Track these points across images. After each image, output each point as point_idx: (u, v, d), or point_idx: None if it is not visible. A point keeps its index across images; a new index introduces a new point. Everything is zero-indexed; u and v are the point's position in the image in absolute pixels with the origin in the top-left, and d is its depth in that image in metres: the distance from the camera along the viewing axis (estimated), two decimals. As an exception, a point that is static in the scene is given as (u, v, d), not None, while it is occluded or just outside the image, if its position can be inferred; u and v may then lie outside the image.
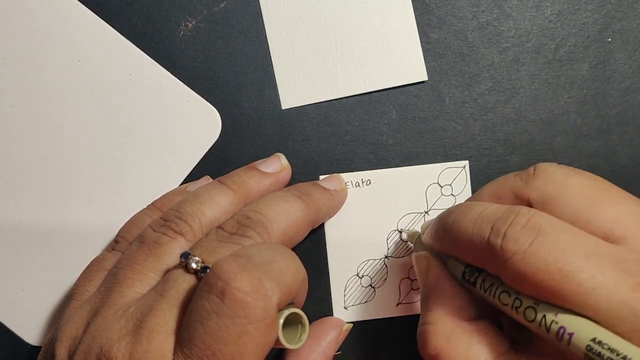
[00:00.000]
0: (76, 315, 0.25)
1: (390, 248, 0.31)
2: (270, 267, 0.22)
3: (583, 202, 0.22)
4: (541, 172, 0.24)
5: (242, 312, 0.20)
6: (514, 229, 0.21)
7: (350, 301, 0.31)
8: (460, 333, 0.23)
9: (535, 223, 0.21)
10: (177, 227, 0.26)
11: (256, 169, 0.29)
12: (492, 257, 0.21)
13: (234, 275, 0.21)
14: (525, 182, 0.24)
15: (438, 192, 0.31)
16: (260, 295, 0.21)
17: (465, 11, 0.31)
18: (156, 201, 0.30)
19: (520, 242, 0.20)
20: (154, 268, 0.25)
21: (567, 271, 0.19)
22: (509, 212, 0.21)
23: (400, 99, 0.31)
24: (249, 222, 0.25)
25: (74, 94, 0.31)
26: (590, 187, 0.23)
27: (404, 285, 0.31)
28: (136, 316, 0.23)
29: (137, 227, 0.28)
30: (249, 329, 0.21)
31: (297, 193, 0.28)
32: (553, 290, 0.20)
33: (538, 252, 0.20)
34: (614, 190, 0.23)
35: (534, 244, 0.20)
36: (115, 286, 0.25)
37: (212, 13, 0.31)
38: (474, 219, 0.22)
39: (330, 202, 0.29)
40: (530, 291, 0.21)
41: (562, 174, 0.24)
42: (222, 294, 0.21)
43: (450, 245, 0.24)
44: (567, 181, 0.23)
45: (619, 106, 0.31)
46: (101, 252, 0.29)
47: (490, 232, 0.21)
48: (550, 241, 0.20)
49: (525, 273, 0.20)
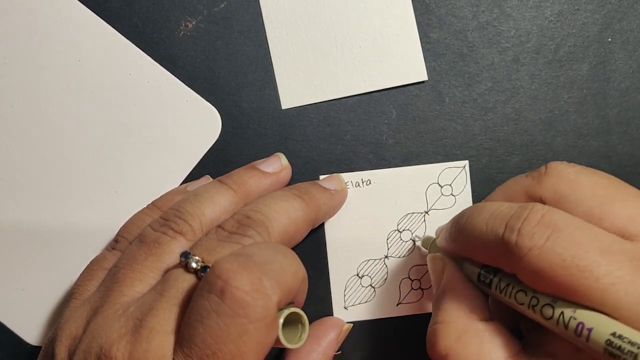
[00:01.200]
0: (76, 315, 0.25)
1: (390, 248, 0.31)
2: (270, 266, 0.22)
3: (595, 200, 0.22)
4: (553, 170, 0.24)
5: (242, 311, 0.20)
6: (529, 225, 0.21)
7: (350, 301, 0.31)
8: (473, 332, 0.23)
9: (549, 219, 0.21)
10: (177, 227, 0.26)
11: (256, 169, 0.29)
12: (508, 255, 0.21)
13: (233, 275, 0.21)
14: (537, 182, 0.24)
15: (438, 192, 0.31)
16: (260, 294, 0.21)
17: (465, 11, 0.31)
18: (156, 200, 0.30)
19: (535, 238, 0.20)
20: (154, 267, 0.25)
21: (584, 267, 0.19)
22: (523, 209, 0.21)
23: (400, 98, 0.31)
24: (249, 221, 0.25)
25: (74, 94, 0.31)
26: (602, 186, 0.23)
27: (404, 285, 0.31)
28: (136, 315, 0.23)
29: (137, 226, 0.28)
30: (249, 328, 0.20)
31: (298, 192, 0.28)
32: (570, 286, 0.20)
33: (554, 247, 0.20)
34: (626, 188, 0.23)
35: (550, 239, 0.20)
36: (115, 285, 0.25)
37: (212, 13, 0.31)
38: (487, 218, 0.22)
39: (330, 202, 0.29)
40: (547, 288, 0.20)
41: (574, 173, 0.24)
42: (222, 293, 0.20)
43: (465, 246, 0.24)
44: (579, 180, 0.23)
45: (619, 106, 0.31)
46: (101, 252, 0.29)
47: (504, 229, 0.21)
48: (565, 237, 0.20)
49: (541, 269, 0.20)
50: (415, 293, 0.31)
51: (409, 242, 0.31)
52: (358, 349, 0.31)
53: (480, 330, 0.23)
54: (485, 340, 0.22)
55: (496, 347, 0.22)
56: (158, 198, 0.30)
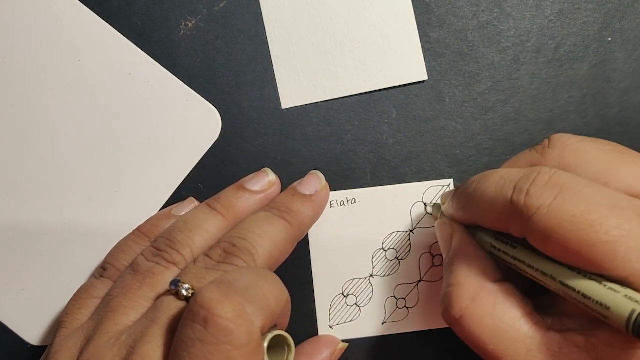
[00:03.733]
0: (69, 344, 0.25)
1: (375, 267, 0.31)
2: (252, 292, 0.22)
3: (600, 165, 0.22)
4: (556, 142, 0.24)
5: (225, 338, 0.21)
6: (537, 186, 0.21)
7: (335, 320, 0.31)
8: (486, 293, 0.23)
9: (558, 179, 0.21)
10: (170, 257, 0.26)
11: (244, 189, 0.29)
12: (517, 217, 0.21)
13: (215, 303, 0.21)
14: (542, 154, 0.24)
15: (423, 210, 0.31)
16: (243, 320, 0.21)
17: (466, 11, 0.31)
18: (141, 226, 0.30)
19: (544, 197, 0.20)
20: (148, 297, 0.25)
21: (594, 220, 0.19)
22: (531, 172, 0.21)
23: (400, 98, 0.31)
24: (234, 250, 0.26)
25: (74, 94, 0.31)
26: (606, 151, 0.23)
27: (389, 303, 0.31)
28: (129, 343, 0.23)
29: (125, 253, 0.28)
30: (234, 354, 0.21)
31: (279, 212, 0.28)
32: (580, 242, 0.19)
33: (563, 205, 0.20)
34: (630, 152, 0.23)
35: (558, 198, 0.20)
36: (109, 314, 0.25)
37: (212, 13, 0.31)
38: (496, 182, 0.22)
39: (313, 211, 0.29)
40: (557, 249, 0.20)
41: (577, 142, 0.24)
42: (205, 322, 0.21)
43: (473, 212, 0.24)
44: (583, 148, 0.23)
45: (619, 106, 0.31)
46: (88, 279, 0.29)
47: (513, 191, 0.21)
48: (574, 195, 0.20)
49: (551, 227, 0.20)
50: (401, 312, 0.31)
51: (394, 260, 0.31)
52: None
53: (493, 291, 0.23)
54: (498, 301, 0.22)
55: (510, 306, 0.22)
56: (143, 224, 0.30)
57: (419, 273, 0.31)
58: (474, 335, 0.22)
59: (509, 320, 0.22)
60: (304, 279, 0.31)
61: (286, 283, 0.24)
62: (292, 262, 0.30)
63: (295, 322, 0.30)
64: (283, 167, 0.31)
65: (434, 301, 0.31)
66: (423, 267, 0.31)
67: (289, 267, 0.30)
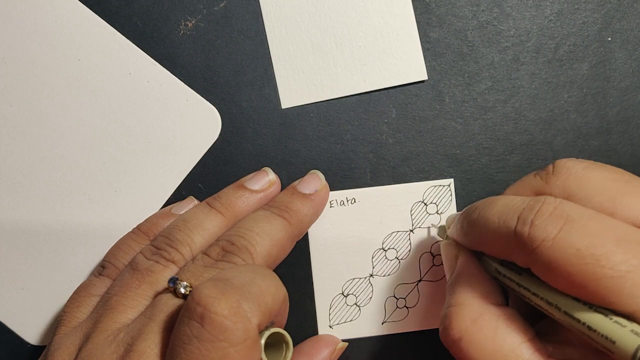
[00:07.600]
0: (68, 342, 0.25)
1: (375, 266, 0.31)
2: (249, 289, 0.22)
3: (606, 195, 0.22)
4: (561, 168, 0.24)
5: (222, 335, 0.21)
6: (541, 217, 0.20)
7: (335, 320, 0.31)
8: (488, 316, 0.22)
9: (562, 211, 0.20)
10: (169, 256, 0.26)
11: (244, 188, 0.29)
12: (521, 248, 0.21)
13: (212, 300, 0.21)
14: (546, 181, 0.24)
15: (423, 210, 0.31)
16: (240, 317, 0.21)
17: (465, 10, 0.31)
18: (141, 225, 0.30)
19: (548, 229, 0.20)
20: (147, 295, 0.25)
21: (599, 255, 0.19)
22: (535, 202, 0.21)
23: (400, 98, 0.31)
24: (233, 248, 0.26)
25: (74, 93, 0.31)
26: (611, 180, 0.23)
27: (389, 303, 0.31)
28: (126, 341, 0.23)
29: (124, 252, 0.29)
30: (230, 352, 0.21)
31: (278, 211, 0.28)
32: (585, 276, 0.19)
33: (568, 238, 0.19)
34: (636, 181, 0.23)
35: (563, 230, 0.20)
36: (108, 312, 0.25)
37: (212, 12, 0.31)
38: (499, 211, 0.22)
39: (312, 210, 0.29)
40: (561, 282, 0.20)
41: (582, 169, 0.23)
42: (202, 319, 0.21)
43: (477, 240, 0.24)
44: (588, 175, 0.23)
45: (619, 105, 0.31)
46: (88, 278, 0.29)
47: (517, 222, 0.21)
48: (579, 227, 0.20)
49: (555, 260, 0.20)
50: (401, 312, 0.31)
51: (394, 260, 0.31)
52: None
53: (495, 315, 0.22)
54: (500, 325, 0.22)
55: (511, 331, 0.22)
56: (143, 222, 0.30)
57: (419, 273, 0.31)
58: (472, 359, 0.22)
59: (510, 345, 0.21)
60: (304, 278, 0.31)
61: (286, 283, 0.24)
62: (292, 261, 0.30)
63: (295, 321, 0.30)
64: (283, 167, 0.31)
65: (433, 301, 0.31)
66: (423, 266, 0.31)
67: (288, 266, 0.30)
